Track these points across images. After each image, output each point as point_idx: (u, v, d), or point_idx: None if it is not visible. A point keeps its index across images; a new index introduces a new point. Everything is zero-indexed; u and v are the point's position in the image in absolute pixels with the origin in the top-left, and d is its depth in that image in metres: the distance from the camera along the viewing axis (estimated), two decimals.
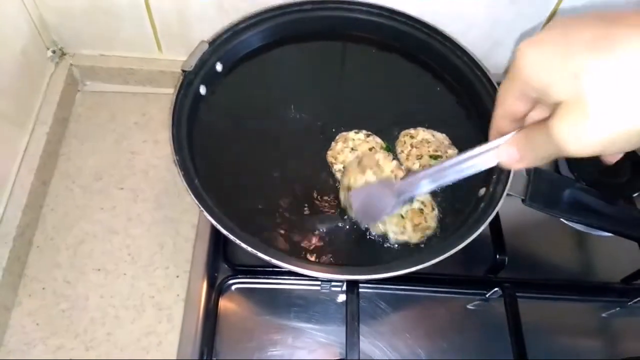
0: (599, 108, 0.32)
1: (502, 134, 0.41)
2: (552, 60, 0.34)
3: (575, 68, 0.32)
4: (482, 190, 0.68)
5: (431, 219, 0.67)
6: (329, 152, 0.73)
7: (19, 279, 0.76)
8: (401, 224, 0.66)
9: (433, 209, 0.68)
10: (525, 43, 0.36)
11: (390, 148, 0.74)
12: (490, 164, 0.43)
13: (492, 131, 0.43)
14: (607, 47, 0.32)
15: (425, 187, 0.50)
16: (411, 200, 0.63)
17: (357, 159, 0.67)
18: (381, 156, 0.67)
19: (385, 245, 0.66)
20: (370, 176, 0.65)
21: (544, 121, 0.36)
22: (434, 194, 0.70)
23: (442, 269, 0.64)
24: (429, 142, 0.73)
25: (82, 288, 0.76)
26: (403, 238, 0.66)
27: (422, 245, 0.66)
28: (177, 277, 0.77)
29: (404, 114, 0.78)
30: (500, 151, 0.42)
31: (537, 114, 0.40)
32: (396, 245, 0.66)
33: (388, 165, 0.66)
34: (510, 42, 0.92)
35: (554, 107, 0.35)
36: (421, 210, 0.67)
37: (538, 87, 0.35)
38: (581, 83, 0.32)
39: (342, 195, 0.68)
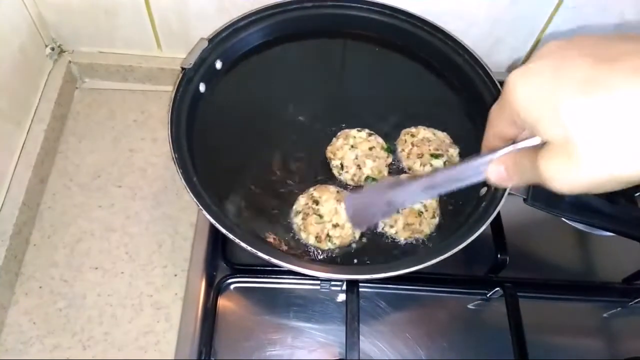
0: (585, 154, 0.31)
1: (492, 151, 0.42)
2: (540, 97, 0.33)
3: (563, 110, 0.32)
4: (484, 190, 0.68)
5: (427, 225, 0.67)
6: (329, 148, 0.73)
7: (16, 277, 0.75)
8: (393, 218, 0.66)
9: (434, 217, 0.67)
10: (516, 74, 0.35)
11: (391, 148, 0.74)
12: (480, 178, 0.43)
13: (483, 147, 0.44)
14: (596, 92, 0.31)
15: (416, 197, 0.51)
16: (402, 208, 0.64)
17: (337, 189, 0.68)
18: None
19: (386, 244, 0.66)
20: (341, 208, 0.65)
21: (533, 150, 0.36)
22: (441, 201, 0.69)
23: (443, 268, 0.63)
24: (429, 140, 0.73)
25: (79, 287, 0.75)
26: (390, 231, 0.66)
27: (423, 243, 0.66)
28: (176, 275, 0.76)
29: (404, 112, 0.77)
30: (490, 169, 0.42)
31: (527, 133, 0.39)
32: (396, 243, 0.66)
33: None
34: (512, 40, 0.91)
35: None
36: (420, 213, 0.67)
37: (526, 122, 0.35)
38: (569, 126, 0.31)
39: (302, 199, 0.67)
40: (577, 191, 0.34)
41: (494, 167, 0.41)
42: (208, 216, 0.58)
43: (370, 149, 0.72)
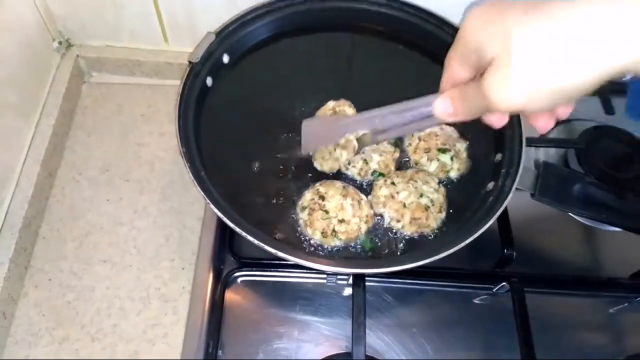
0: (523, 63, 0.37)
1: None
2: (488, 22, 0.39)
3: (507, 27, 0.37)
4: (491, 184, 0.68)
5: (434, 219, 0.66)
6: None
7: (25, 270, 0.76)
8: (400, 212, 0.66)
9: (440, 211, 0.67)
10: (470, 11, 0.41)
11: (398, 142, 0.73)
12: (429, 108, 0.48)
13: (439, 92, 0.48)
14: (535, 13, 0.37)
15: (368, 126, 0.56)
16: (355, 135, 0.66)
17: (343, 185, 0.68)
18: (364, 200, 0.67)
19: (392, 238, 0.66)
20: (347, 203, 0.65)
21: (478, 80, 0.41)
22: (448, 195, 0.69)
23: (450, 263, 0.63)
24: (437, 135, 0.72)
25: (88, 279, 0.76)
26: (397, 226, 0.66)
27: (429, 238, 0.66)
28: (183, 269, 0.77)
29: None
30: (436, 103, 0.46)
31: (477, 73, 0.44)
32: (403, 237, 0.66)
33: (365, 209, 0.66)
34: None
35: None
36: (427, 208, 0.66)
37: (475, 46, 0.40)
38: (510, 40, 0.37)
39: (308, 195, 0.67)
40: (517, 105, 0.38)
41: (440, 102, 0.46)
42: (215, 210, 0.58)
43: (377, 143, 0.71)
